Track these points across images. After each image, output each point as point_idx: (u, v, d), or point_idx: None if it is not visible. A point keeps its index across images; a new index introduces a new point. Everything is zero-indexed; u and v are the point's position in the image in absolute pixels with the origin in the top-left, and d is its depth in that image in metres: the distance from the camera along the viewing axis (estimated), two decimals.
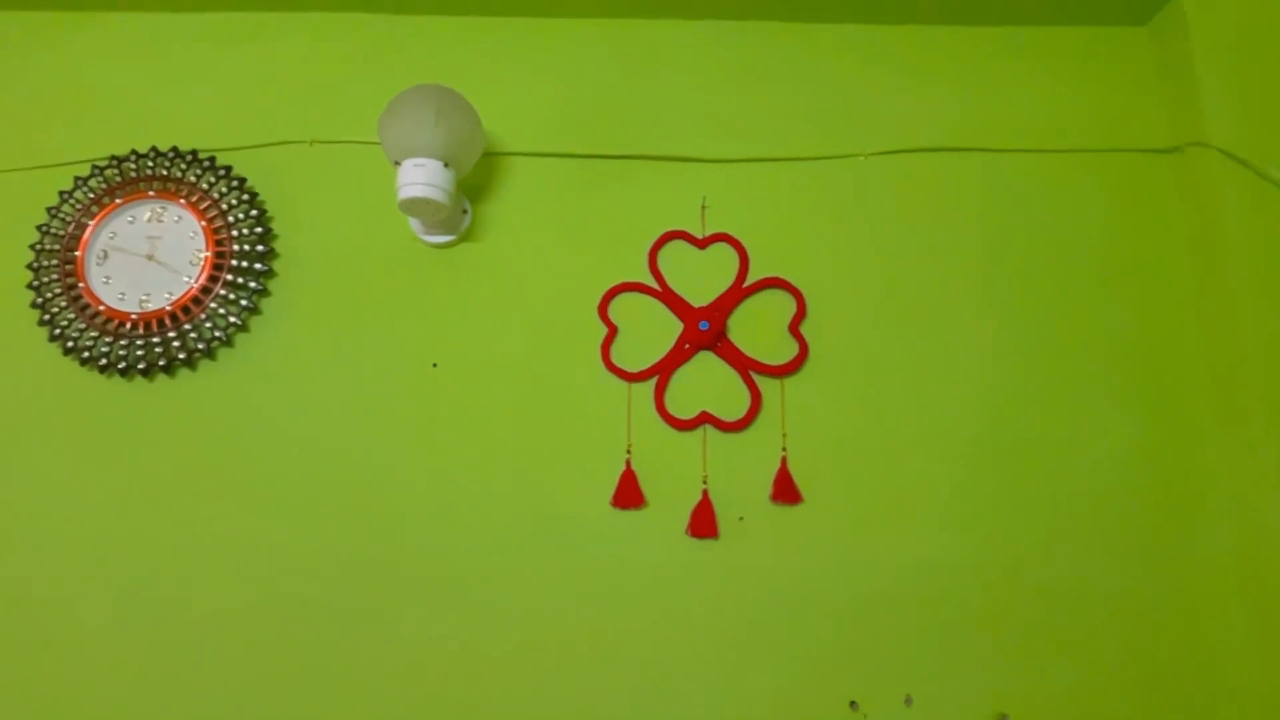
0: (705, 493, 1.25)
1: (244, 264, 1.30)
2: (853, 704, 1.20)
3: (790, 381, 1.30)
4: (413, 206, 1.23)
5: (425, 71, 1.37)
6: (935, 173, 1.39)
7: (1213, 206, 1.32)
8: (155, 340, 1.27)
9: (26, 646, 1.20)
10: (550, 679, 1.20)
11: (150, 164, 1.34)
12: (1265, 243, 1.28)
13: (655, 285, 1.33)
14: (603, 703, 1.20)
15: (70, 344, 1.27)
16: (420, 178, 1.20)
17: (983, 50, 1.44)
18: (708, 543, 1.24)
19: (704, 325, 1.30)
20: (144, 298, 1.29)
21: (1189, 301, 1.34)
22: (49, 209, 1.33)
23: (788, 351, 1.31)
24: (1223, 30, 1.36)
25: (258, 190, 1.35)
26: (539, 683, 1.20)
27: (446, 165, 1.23)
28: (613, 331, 1.31)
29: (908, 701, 1.20)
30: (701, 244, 1.35)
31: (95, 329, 1.28)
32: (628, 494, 1.25)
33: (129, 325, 1.28)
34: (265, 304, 1.32)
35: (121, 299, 1.29)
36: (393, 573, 1.23)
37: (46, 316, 1.29)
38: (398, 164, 1.23)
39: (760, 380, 1.30)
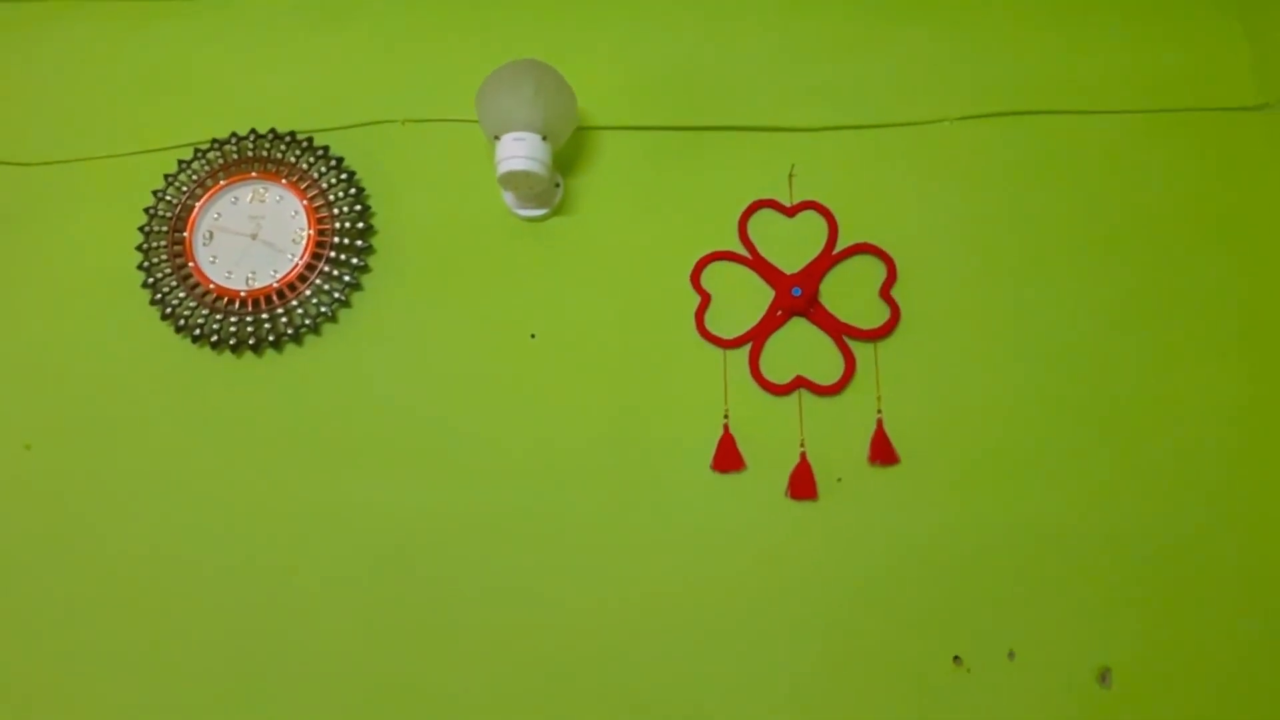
0: (803, 455, 1.28)
1: (345, 241, 1.34)
2: (956, 659, 1.22)
3: (883, 345, 1.32)
4: (512, 180, 1.26)
5: (511, 48, 1.40)
6: (1021, 136, 1.39)
7: None
8: (264, 317, 1.31)
9: (143, 608, 1.25)
10: (653, 638, 1.23)
11: (251, 146, 1.38)
12: None
13: (746, 253, 1.35)
14: (704, 662, 1.23)
15: (181, 322, 1.32)
16: (521, 151, 1.23)
17: (1065, 11, 1.44)
18: (807, 504, 1.27)
19: (796, 291, 1.31)
20: (250, 275, 1.33)
21: None
22: (155, 192, 1.37)
23: (879, 316, 1.32)
24: None
25: (354, 169, 1.38)
26: (642, 642, 1.23)
27: (544, 139, 1.25)
28: (706, 300, 1.33)
29: (1010, 656, 1.22)
30: (790, 212, 1.37)
31: (205, 307, 1.32)
32: (727, 457, 1.27)
33: (237, 303, 1.32)
34: (367, 280, 1.35)
35: (229, 277, 1.33)
36: (497, 536, 1.26)
37: (158, 296, 1.33)
38: (497, 138, 1.25)
39: (853, 345, 1.31)
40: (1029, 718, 1.21)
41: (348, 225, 1.34)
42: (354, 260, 1.34)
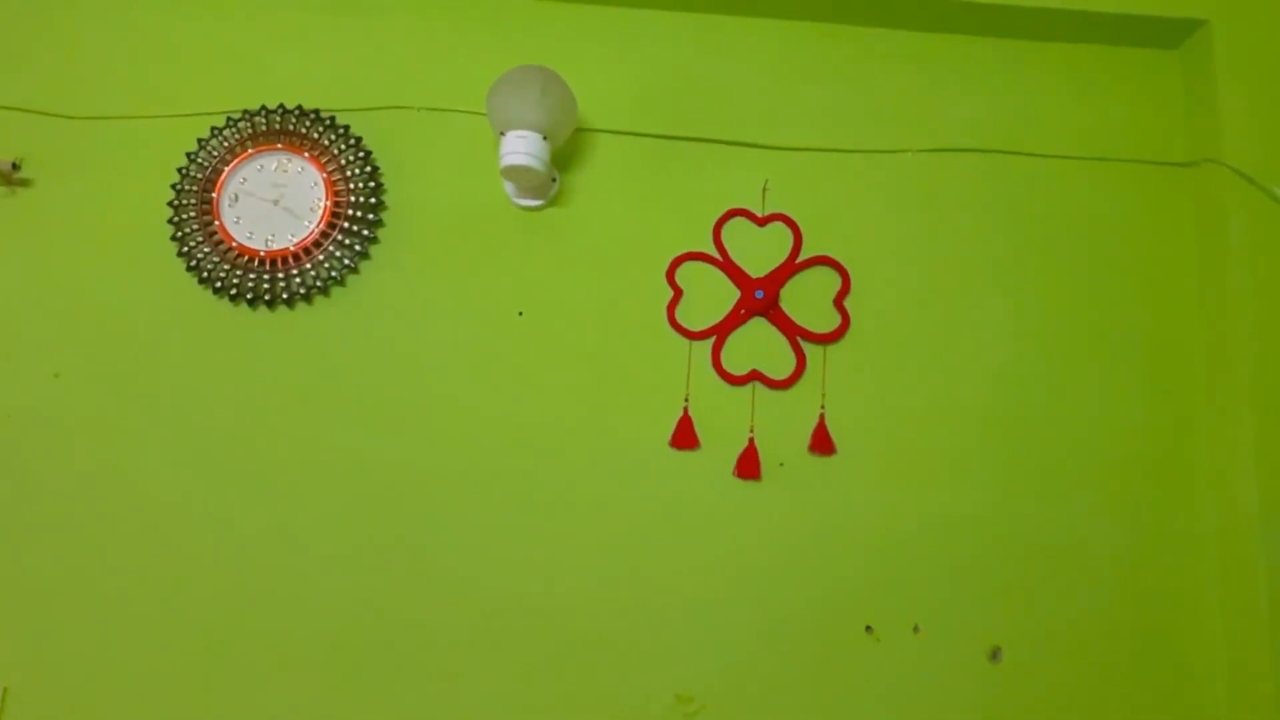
0: (752, 440, 1.43)
1: (357, 214, 1.48)
2: (868, 628, 1.39)
3: (832, 349, 1.48)
4: (513, 173, 1.40)
5: (522, 50, 1.53)
6: (972, 171, 1.55)
7: (1219, 217, 1.48)
8: (280, 276, 1.45)
9: (152, 528, 1.40)
10: (606, 587, 1.39)
11: (278, 119, 1.51)
12: (1264, 254, 1.44)
13: (718, 256, 1.50)
14: (650, 618, 1.39)
15: (205, 274, 1.45)
16: (522, 148, 1.37)
17: (1023, 62, 1.59)
18: (751, 484, 1.43)
19: (759, 294, 1.47)
20: (270, 237, 1.47)
21: (1190, 301, 1.51)
22: (188, 154, 1.50)
23: (831, 322, 1.48)
24: (1246, 59, 1.51)
25: (371, 149, 1.52)
26: (596, 590, 1.39)
27: (545, 138, 1.39)
28: (678, 294, 1.48)
29: (916, 630, 1.39)
30: (761, 221, 1.52)
31: (227, 263, 1.46)
32: (684, 436, 1.43)
33: (257, 261, 1.46)
34: (375, 250, 1.49)
35: (250, 237, 1.47)
36: (475, 491, 1.41)
37: (185, 249, 1.46)
38: (502, 134, 1.39)
39: (806, 346, 1.47)
40: (929, 685, 1.39)
41: (361, 199, 1.48)
42: (365, 232, 1.48)
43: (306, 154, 1.49)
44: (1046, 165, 1.55)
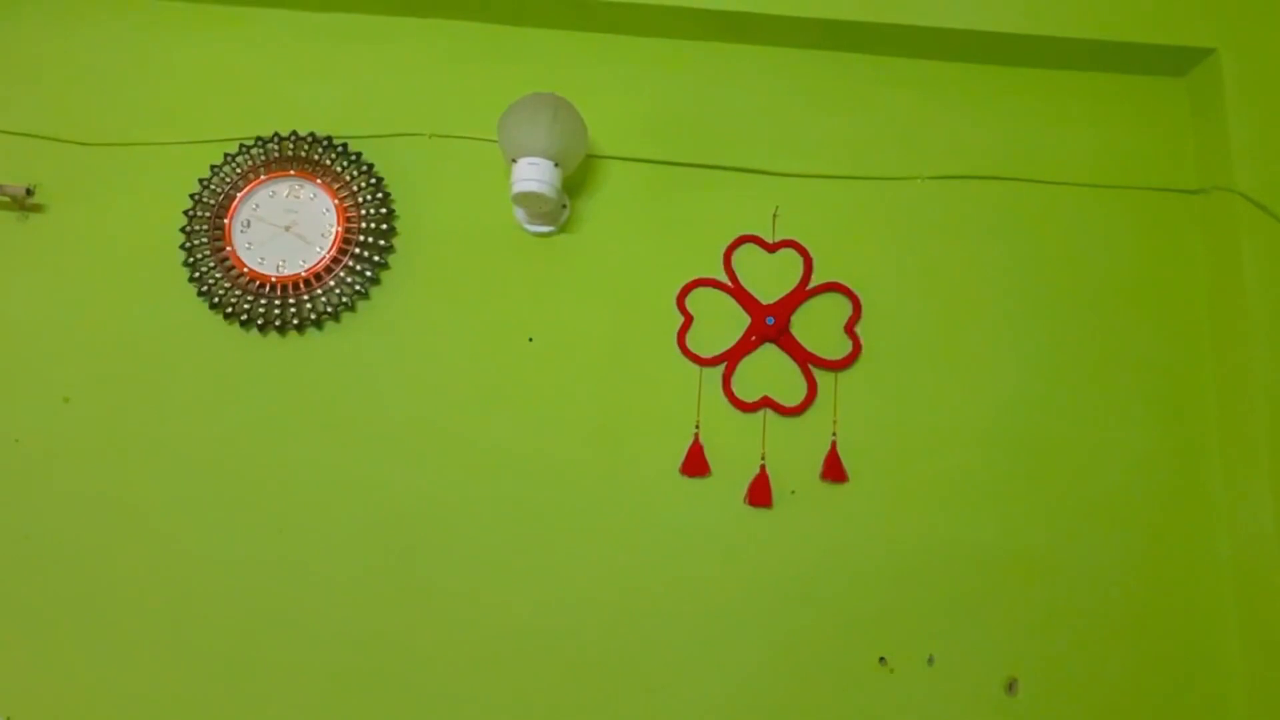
0: (763, 468, 1.43)
1: (369, 239, 1.48)
2: (882, 659, 1.37)
3: (843, 375, 1.47)
4: (524, 199, 1.40)
5: (533, 78, 1.54)
6: (983, 198, 1.55)
7: (1230, 244, 1.47)
8: (290, 301, 1.45)
9: (161, 551, 1.39)
10: (616, 615, 1.38)
11: (291, 146, 1.52)
12: (1274, 280, 1.44)
13: (728, 282, 1.50)
14: (660, 646, 1.37)
15: (216, 299, 1.45)
16: (534, 174, 1.38)
17: (1033, 90, 1.60)
18: (762, 511, 1.42)
19: (770, 320, 1.47)
20: (281, 263, 1.47)
21: (1202, 328, 1.50)
22: (201, 180, 1.51)
23: (843, 349, 1.48)
24: (1255, 87, 1.52)
25: (383, 175, 1.53)
26: (606, 617, 1.38)
27: (556, 165, 1.40)
28: (688, 320, 1.48)
29: (930, 661, 1.37)
30: (771, 248, 1.52)
31: (239, 288, 1.46)
32: (695, 464, 1.42)
33: (268, 286, 1.46)
34: (385, 276, 1.49)
35: (261, 263, 1.47)
36: (484, 519, 1.40)
37: (196, 274, 1.47)
38: (514, 161, 1.40)
39: (817, 372, 1.47)
40: (944, 718, 1.36)
41: (373, 225, 1.49)
42: (376, 258, 1.48)
43: (318, 180, 1.50)
44: (1057, 192, 1.55)
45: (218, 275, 1.47)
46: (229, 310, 1.45)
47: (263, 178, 1.50)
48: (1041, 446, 1.45)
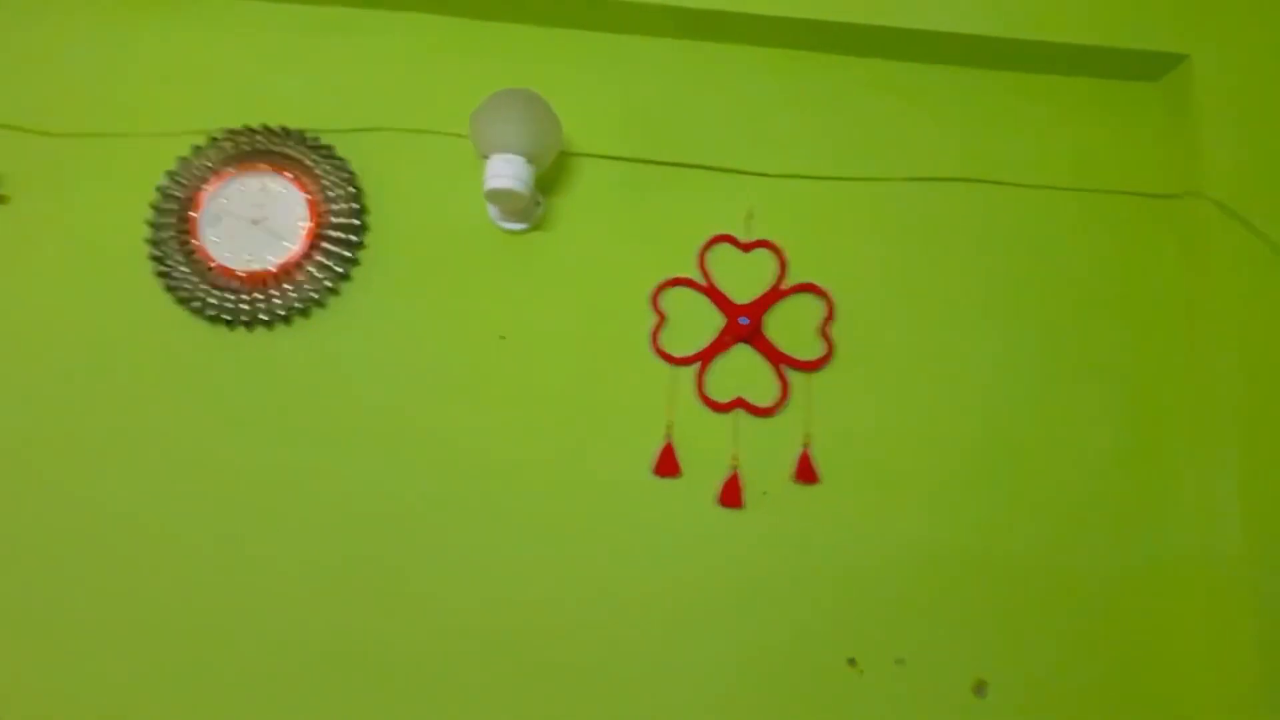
0: (735, 469, 1.42)
1: (339, 235, 1.46)
2: (851, 661, 1.37)
3: (817, 376, 1.47)
4: (497, 196, 1.39)
5: (506, 74, 1.52)
6: (956, 200, 1.55)
7: (1202, 250, 1.48)
8: (259, 297, 1.43)
9: (124, 555, 1.36)
10: (585, 614, 1.37)
11: (261, 139, 1.49)
12: (1246, 287, 1.45)
13: (702, 281, 1.50)
14: (629, 646, 1.37)
15: (183, 294, 1.43)
16: (506, 171, 1.36)
17: (1007, 93, 1.60)
18: (734, 512, 1.41)
19: (744, 321, 1.46)
20: (249, 258, 1.45)
21: (1172, 332, 1.51)
22: (167, 173, 1.48)
23: (816, 350, 1.47)
24: (1227, 93, 1.53)
25: (354, 170, 1.51)
26: (575, 616, 1.37)
27: (529, 162, 1.38)
28: (661, 320, 1.47)
29: (899, 663, 1.37)
30: (745, 248, 1.52)
31: (206, 283, 1.43)
32: (667, 464, 1.41)
33: (236, 281, 1.44)
34: (356, 272, 1.47)
35: (229, 258, 1.45)
36: (453, 518, 1.39)
37: (163, 268, 1.44)
38: (486, 157, 1.38)
39: (790, 373, 1.46)
40: (912, 719, 1.36)
41: (343, 221, 1.47)
42: (346, 253, 1.46)
43: (289, 175, 1.48)
44: (1030, 195, 1.56)
45: (185, 270, 1.44)
46: (196, 304, 1.43)
47: (232, 171, 1.47)
48: (1012, 449, 1.46)
